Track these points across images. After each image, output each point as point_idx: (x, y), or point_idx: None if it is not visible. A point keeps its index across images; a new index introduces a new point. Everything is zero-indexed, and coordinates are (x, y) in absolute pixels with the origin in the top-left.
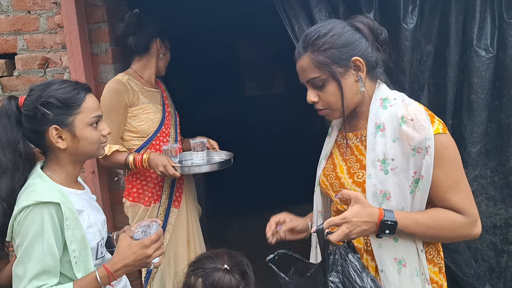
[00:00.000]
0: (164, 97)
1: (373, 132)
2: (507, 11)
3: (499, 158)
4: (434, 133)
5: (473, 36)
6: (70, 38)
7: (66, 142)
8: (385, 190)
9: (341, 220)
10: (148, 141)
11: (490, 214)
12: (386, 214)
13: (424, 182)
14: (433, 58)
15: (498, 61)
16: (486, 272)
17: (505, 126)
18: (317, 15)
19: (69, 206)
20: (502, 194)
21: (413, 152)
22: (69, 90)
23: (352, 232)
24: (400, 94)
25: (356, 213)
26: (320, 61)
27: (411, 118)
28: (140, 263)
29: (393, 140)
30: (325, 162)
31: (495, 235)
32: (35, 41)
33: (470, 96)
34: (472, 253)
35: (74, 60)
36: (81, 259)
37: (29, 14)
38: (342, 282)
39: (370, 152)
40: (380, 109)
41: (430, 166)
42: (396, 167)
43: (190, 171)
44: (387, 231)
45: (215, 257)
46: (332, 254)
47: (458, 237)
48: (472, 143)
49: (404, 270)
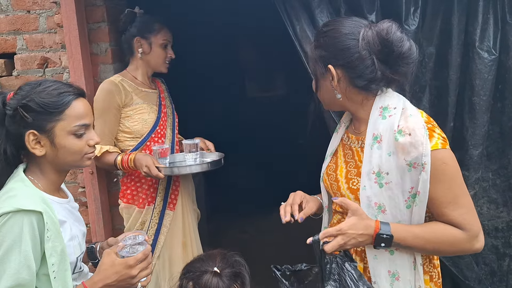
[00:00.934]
0: (161, 98)
1: (370, 143)
2: (510, 12)
3: (501, 160)
4: (432, 149)
5: (476, 38)
6: (69, 37)
7: (45, 149)
8: (380, 203)
9: (336, 232)
10: (142, 142)
11: (491, 217)
12: (382, 227)
13: (421, 198)
14: (434, 60)
15: (501, 63)
16: (488, 276)
17: (507, 129)
18: (318, 16)
19: (51, 216)
20: (504, 197)
21: (409, 168)
22: (54, 94)
23: (347, 244)
24: (401, 103)
25: (352, 225)
26: (310, 55)
27: (409, 132)
28: (123, 284)
29: (389, 154)
30: (329, 159)
31: (497, 238)
32: (35, 41)
33: (472, 98)
34: (473, 256)
35: (73, 60)
36: (59, 273)
37: (29, 13)
38: None
39: (366, 164)
40: (379, 119)
41: (427, 182)
42: (391, 182)
43: (173, 172)
44: (383, 244)
45: (207, 259)
46: (329, 263)
47: (458, 251)
48: (474, 146)
49: (397, 283)
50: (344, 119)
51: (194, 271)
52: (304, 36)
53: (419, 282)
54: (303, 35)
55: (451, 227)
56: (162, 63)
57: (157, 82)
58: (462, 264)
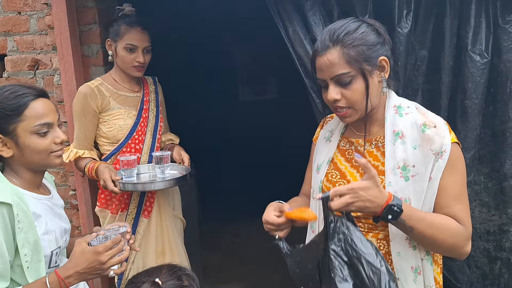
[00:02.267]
0: (144, 101)
1: (392, 139)
2: (502, 16)
3: (493, 164)
4: (452, 141)
5: (468, 41)
6: (60, 39)
7: (12, 150)
8: (406, 197)
9: (347, 190)
10: (118, 148)
11: (483, 220)
12: (395, 199)
13: (432, 184)
14: (427, 63)
15: (493, 67)
16: (480, 279)
17: (499, 132)
18: (311, 18)
19: (23, 209)
20: (495, 200)
21: (434, 157)
22: (11, 98)
23: (354, 204)
24: (411, 102)
25: (365, 188)
26: (352, 57)
27: (434, 125)
28: (94, 271)
29: (414, 147)
30: (327, 168)
31: (488, 242)
32: (25, 43)
33: (464, 102)
34: (465, 259)
35: (64, 62)
36: (32, 264)
37: (20, 15)
38: (344, 250)
39: (389, 160)
40: (396, 116)
41: (441, 170)
42: (417, 174)
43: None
44: (390, 217)
45: (152, 271)
46: (334, 222)
47: (454, 246)
48: (466, 149)
49: (419, 278)
50: (336, 126)
51: (136, 282)
52: (296, 38)
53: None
54: (295, 37)
55: (453, 220)
56: (130, 67)
57: (145, 82)
58: (454, 267)
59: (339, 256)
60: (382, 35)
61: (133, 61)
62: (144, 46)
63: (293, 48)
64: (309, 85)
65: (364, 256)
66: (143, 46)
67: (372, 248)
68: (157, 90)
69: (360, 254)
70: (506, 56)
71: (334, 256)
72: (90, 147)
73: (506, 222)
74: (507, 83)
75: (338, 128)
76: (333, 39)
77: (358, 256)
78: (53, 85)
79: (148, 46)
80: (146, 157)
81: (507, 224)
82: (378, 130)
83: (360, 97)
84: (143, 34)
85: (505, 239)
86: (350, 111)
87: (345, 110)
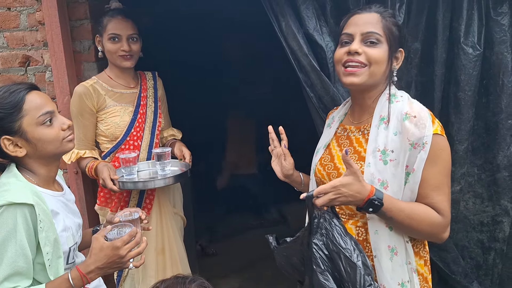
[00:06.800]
0: (142, 97)
1: (377, 124)
2: (494, 8)
3: (486, 155)
4: (433, 133)
5: (460, 34)
6: (51, 35)
7: (25, 148)
8: (383, 180)
9: (331, 188)
10: (117, 146)
11: (477, 212)
12: (377, 193)
13: (414, 175)
14: (420, 56)
15: (485, 59)
16: (474, 270)
17: (492, 124)
18: (304, 12)
19: (43, 208)
20: (489, 192)
21: (410, 147)
22: (6, 96)
23: (337, 200)
24: (406, 93)
25: (347, 184)
26: (389, 28)
27: (414, 115)
28: (114, 265)
29: (395, 133)
30: (322, 152)
31: (482, 233)
32: (16, 39)
33: (457, 94)
34: (459, 250)
35: (56, 58)
36: (53, 261)
37: (9, 11)
38: (325, 244)
39: (371, 143)
40: (386, 103)
41: (423, 162)
42: (395, 159)
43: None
44: (371, 209)
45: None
46: (317, 218)
47: (431, 234)
48: (460, 141)
49: (395, 258)
50: (337, 114)
51: None
52: (289, 32)
53: (409, 258)
54: (288, 31)
55: (432, 210)
56: (116, 57)
57: (143, 78)
58: (448, 258)
59: (320, 250)
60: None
61: (118, 50)
62: (128, 34)
63: (286, 42)
64: (303, 79)
65: (343, 251)
66: (126, 34)
67: (350, 244)
68: (156, 85)
69: (339, 249)
70: (498, 48)
71: (315, 249)
72: (91, 146)
73: (500, 213)
74: (499, 75)
75: (338, 116)
76: (375, 9)
77: (337, 251)
78: (44, 81)
79: (132, 34)
80: (145, 154)
81: (500, 215)
82: (368, 118)
83: (380, 61)
84: (125, 22)
85: (498, 229)
86: (364, 70)
87: (359, 68)
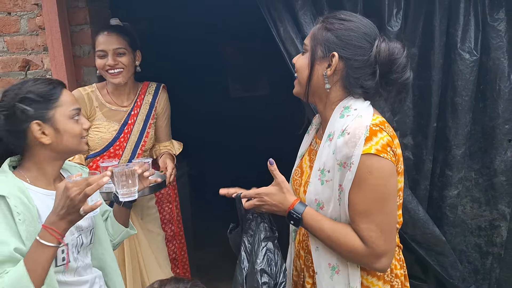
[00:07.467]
0: (131, 115)
1: (325, 140)
2: (490, 14)
3: (483, 160)
4: (363, 153)
5: (457, 39)
6: (51, 40)
7: (50, 137)
8: (319, 200)
9: (255, 194)
10: (93, 156)
11: (474, 216)
12: (297, 207)
13: (344, 196)
14: (417, 61)
15: (482, 64)
16: (472, 274)
17: (489, 129)
18: (302, 17)
19: (23, 202)
20: (486, 196)
21: (339, 167)
22: (45, 85)
23: (262, 207)
24: (365, 106)
25: (270, 194)
26: (315, 34)
27: (348, 132)
28: (69, 210)
29: (333, 152)
30: (298, 162)
31: (480, 237)
32: (16, 43)
33: (455, 99)
34: (457, 255)
35: (55, 62)
36: None
37: (9, 15)
38: (251, 244)
39: (317, 161)
40: (338, 117)
41: (350, 182)
42: (330, 180)
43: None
44: (292, 222)
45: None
46: (250, 220)
47: (355, 261)
48: (457, 146)
49: (336, 276)
50: (316, 121)
51: None
52: (287, 37)
53: (353, 282)
54: (286, 36)
55: (355, 237)
56: (104, 73)
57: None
58: (446, 263)
59: (246, 247)
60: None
61: (104, 65)
62: (113, 48)
63: (284, 46)
64: None
65: (255, 252)
66: (111, 49)
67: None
68: (154, 101)
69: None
70: (495, 53)
71: (243, 246)
72: None
73: (497, 218)
74: (496, 80)
75: (316, 124)
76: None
77: (255, 250)
78: None
79: (117, 48)
80: None
81: (497, 219)
82: None
83: (303, 71)
84: (109, 37)
85: (496, 234)
86: (296, 81)
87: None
